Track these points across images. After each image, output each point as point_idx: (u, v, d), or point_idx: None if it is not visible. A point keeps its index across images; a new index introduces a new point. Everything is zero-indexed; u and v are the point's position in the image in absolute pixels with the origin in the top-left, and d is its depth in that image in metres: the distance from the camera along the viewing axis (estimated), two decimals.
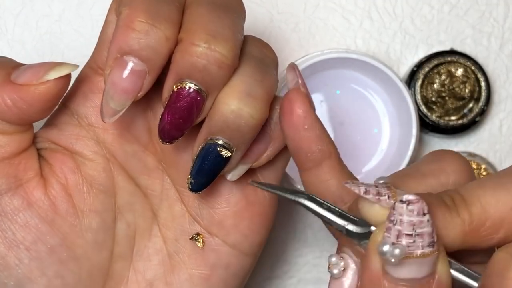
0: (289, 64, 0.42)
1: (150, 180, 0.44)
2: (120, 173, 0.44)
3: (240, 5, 0.42)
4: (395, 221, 0.34)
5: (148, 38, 0.39)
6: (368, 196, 0.36)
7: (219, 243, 0.44)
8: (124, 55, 0.39)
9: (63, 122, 0.43)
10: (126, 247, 0.44)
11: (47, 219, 0.42)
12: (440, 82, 0.56)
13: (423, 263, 0.35)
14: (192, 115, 0.40)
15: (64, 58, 0.54)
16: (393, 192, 0.36)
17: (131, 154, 0.44)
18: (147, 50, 0.39)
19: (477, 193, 0.37)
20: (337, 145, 0.41)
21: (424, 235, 0.34)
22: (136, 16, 0.39)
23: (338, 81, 0.56)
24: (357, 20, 0.56)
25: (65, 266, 0.42)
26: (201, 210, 0.44)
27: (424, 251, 0.34)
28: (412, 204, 0.34)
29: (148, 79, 0.40)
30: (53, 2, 0.55)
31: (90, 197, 0.43)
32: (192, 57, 0.39)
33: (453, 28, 0.57)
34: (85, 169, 0.43)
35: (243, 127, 0.40)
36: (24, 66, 0.41)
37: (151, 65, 0.40)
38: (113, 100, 0.40)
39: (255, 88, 0.40)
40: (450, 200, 0.36)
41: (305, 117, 0.40)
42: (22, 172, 0.42)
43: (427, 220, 0.34)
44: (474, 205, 0.36)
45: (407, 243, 0.34)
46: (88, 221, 0.43)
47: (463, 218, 0.36)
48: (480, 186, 0.37)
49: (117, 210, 0.44)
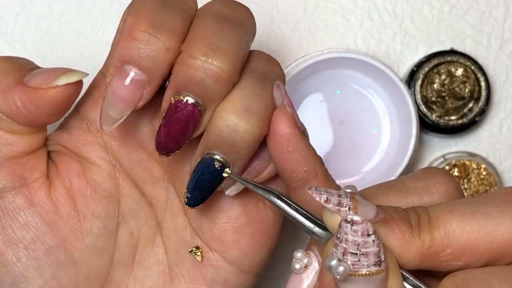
0: (275, 83, 0.41)
1: (155, 190, 0.44)
2: (125, 180, 0.44)
3: (249, 21, 0.42)
4: (341, 239, 0.34)
5: (148, 48, 0.39)
6: (328, 205, 0.35)
7: (218, 259, 0.44)
8: (125, 63, 0.40)
9: (74, 127, 0.44)
10: (127, 254, 0.44)
11: (48, 220, 0.42)
12: (440, 82, 0.56)
13: (369, 281, 0.35)
14: (188, 128, 0.40)
15: (64, 58, 0.54)
16: (355, 203, 0.35)
17: (137, 162, 0.44)
18: (147, 60, 0.39)
19: (444, 217, 0.36)
20: (337, 145, 0.41)
21: (369, 254, 0.34)
22: (138, 25, 0.39)
23: (338, 81, 0.56)
24: (357, 20, 0.56)
25: (62, 268, 0.42)
26: (202, 223, 0.44)
27: (370, 269, 0.34)
28: (356, 225, 0.34)
29: (148, 89, 0.40)
30: (53, 2, 0.55)
31: (93, 202, 0.43)
32: (189, 69, 0.39)
33: (453, 28, 0.57)
34: (90, 174, 0.43)
35: (239, 142, 0.40)
36: (38, 69, 0.41)
37: (150, 75, 0.40)
38: (112, 108, 0.40)
39: (253, 103, 0.40)
40: (416, 219, 0.36)
41: (289, 139, 0.40)
42: (28, 172, 0.42)
43: (372, 241, 0.34)
44: (438, 229, 0.36)
45: (352, 261, 0.34)
46: (89, 226, 0.43)
47: (423, 241, 0.36)
48: (450, 210, 0.36)
49: (120, 217, 0.44)
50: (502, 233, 0.36)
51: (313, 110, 0.55)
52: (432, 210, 0.37)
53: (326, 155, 0.55)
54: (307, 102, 0.55)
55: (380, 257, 0.34)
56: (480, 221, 0.36)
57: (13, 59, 0.42)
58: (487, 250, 0.36)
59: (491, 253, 0.36)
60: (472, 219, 0.36)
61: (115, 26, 0.41)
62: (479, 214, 0.36)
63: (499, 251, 0.36)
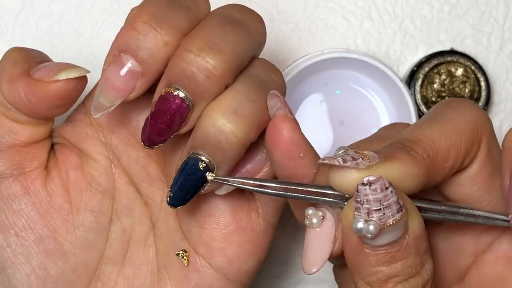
0: (270, 92, 0.40)
1: (151, 189, 0.45)
2: (121, 177, 0.44)
3: (256, 27, 0.42)
4: (361, 201, 0.35)
5: (146, 39, 0.39)
6: (347, 164, 0.36)
7: (204, 264, 0.43)
8: (122, 52, 0.40)
9: (77, 119, 0.44)
10: (118, 251, 0.44)
11: (40, 209, 0.42)
12: (440, 82, 0.56)
13: (396, 228, 0.36)
14: (174, 122, 0.39)
15: (64, 58, 0.55)
16: (363, 154, 0.36)
17: (135, 160, 0.44)
18: (143, 51, 0.39)
19: (418, 132, 0.38)
20: (337, 145, 0.42)
21: (391, 205, 0.36)
22: (140, 17, 0.40)
23: (338, 81, 0.56)
24: (357, 20, 0.56)
25: (51, 258, 0.42)
26: (191, 227, 0.43)
27: (395, 218, 0.36)
28: (374, 184, 0.35)
29: (142, 81, 0.40)
30: (53, 2, 0.55)
31: (87, 195, 0.43)
32: (182, 62, 0.39)
33: (453, 28, 0.57)
34: (87, 168, 0.44)
35: (224, 143, 0.39)
36: (45, 63, 0.42)
37: (145, 67, 0.40)
38: (103, 95, 0.40)
39: (243, 107, 0.40)
40: (401, 145, 0.38)
41: (299, 145, 0.40)
42: (28, 161, 0.43)
43: (391, 192, 0.36)
44: (422, 141, 0.38)
45: (378, 217, 0.35)
46: (81, 219, 0.43)
47: (421, 154, 0.38)
48: (418, 126, 0.39)
49: (113, 213, 0.44)
50: (463, 124, 0.39)
51: (313, 110, 0.56)
52: (404, 134, 0.39)
53: (326, 155, 0.55)
54: (307, 102, 0.55)
55: (400, 202, 0.36)
56: (443, 123, 0.39)
57: (26, 50, 0.43)
58: (462, 142, 0.39)
59: (465, 144, 0.39)
60: (437, 124, 0.39)
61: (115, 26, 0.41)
62: (438, 119, 0.39)
63: (468, 139, 0.39)
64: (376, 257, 0.37)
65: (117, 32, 0.41)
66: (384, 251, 0.36)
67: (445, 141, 0.38)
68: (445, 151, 0.38)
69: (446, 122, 0.39)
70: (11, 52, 0.42)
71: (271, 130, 0.40)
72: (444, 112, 0.40)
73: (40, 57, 0.43)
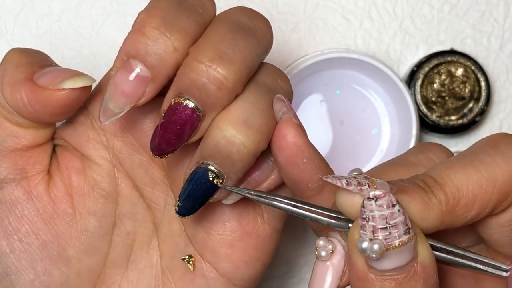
0: (276, 96, 0.40)
1: (154, 193, 0.44)
2: (124, 181, 0.44)
3: (265, 33, 0.41)
4: (367, 218, 0.35)
5: (156, 45, 0.39)
6: (350, 187, 0.35)
7: (209, 270, 0.43)
8: (131, 58, 0.39)
9: (79, 122, 0.44)
10: (122, 255, 0.44)
11: (44, 215, 0.42)
12: (440, 82, 0.56)
13: (403, 251, 0.35)
14: (185, 132, 0.39)
15: (64, 58, 0.54)
16: (372, 181, 0.36)
17: (138, 164, 0.44)
18: (153, 57, 0.39)
19: (447, 174, 0.37)
20: (337, 145, 0.41)
21: (398, 224, 0.35)
22: (149, 22, 0.39)
23: (338, 81, 0.56)
24: (357, 20, 0.56)
25: (55, 263, 0.42)
26: (196, 232, 0.43)
27: (402, 239, 0.35)
28: (380, 199, 0.35)
29: (151, 87, 0.40)
30: (53, 2, 0.55)
31: (90, 200, 0.43)
32: (193, 73, 0.39)
33: (453, 28, 0.57)
34: (90, 172, 0.43)
35: (234, 154, 0.39)
36: (49, 68, 0.41)
37: (155, 73, 0.39)
38: (112, 101, 0.40)
39: (253, 117, 0.39)
40: (423, 183, 0.37)
41: (303, 150, 0.39)
42: (30, 166, 0.42)
43: (398, 210, 0.35)
44: (447, 185, 0.37)
45: (383, 236, 0.35)
46: (84, 224, 0.43)
47: (440, 199, 0.36)
48: (449, 167, 0.38)
49: (117, 217, 0.44)
50: (502, 174, 0.37)
51: (313, 110, 0.55)
52: (432, 171, 0.38)
53: (326, 155, 0.55)
54: (307, 102, 0.55)
55: (408, 224, 0.35)
56: (479, 168, 0.37)
57: (28, 52, 0.42)
58: (494, 193, 0.37)
59: (497, 196, 0.37)
60: (472, 168, 0.37)
61: (115, 26, 0.41)
62: (475, 162, 0.37)
63: (503, 191, 0.37)
64: (381, 283, 0.35)
65: (117, 32, 0.41)
66: (391, 277, 0.35)
67: (474, 189, 0.37)
68: (470, 200, 0.37)
69: (482, 167, 0.37)
70: (12, 53, 0.42)
71: (275, 134, 0.40)
72: (486, 153, 0.38)
73: (43, 60, 0.42)
